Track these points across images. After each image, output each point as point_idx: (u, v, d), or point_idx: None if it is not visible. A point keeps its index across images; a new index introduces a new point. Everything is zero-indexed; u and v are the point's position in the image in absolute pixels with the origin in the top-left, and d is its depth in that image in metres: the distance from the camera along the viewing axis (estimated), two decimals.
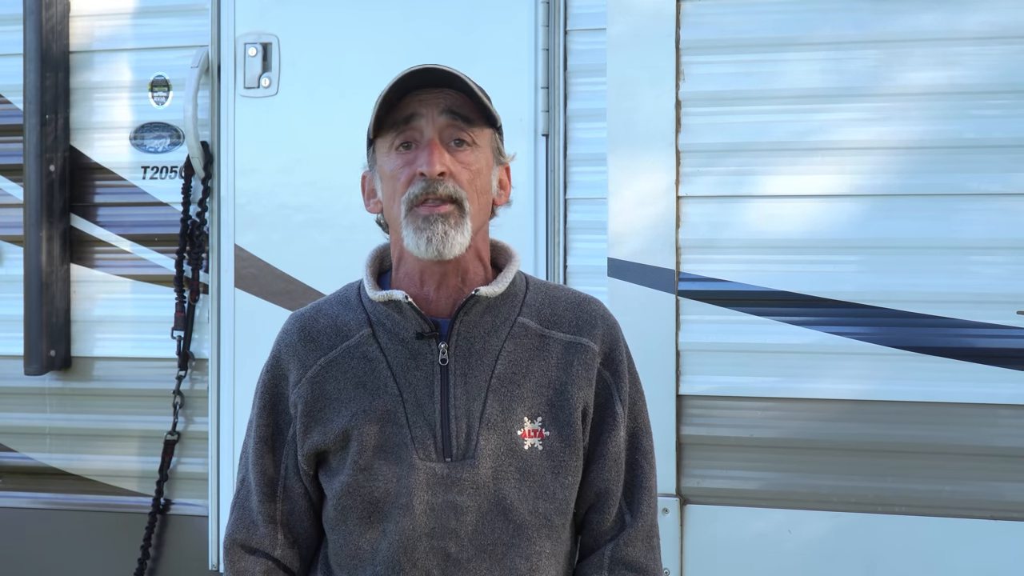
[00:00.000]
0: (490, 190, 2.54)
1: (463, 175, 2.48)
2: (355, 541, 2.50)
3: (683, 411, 4.12)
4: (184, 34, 4.73)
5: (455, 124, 2.49)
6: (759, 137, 4.09)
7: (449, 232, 2.45)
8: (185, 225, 4.68)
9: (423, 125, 2.48)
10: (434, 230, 2.45)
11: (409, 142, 2.49)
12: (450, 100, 2.49)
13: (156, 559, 4.75)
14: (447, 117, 2.48)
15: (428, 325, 2.50)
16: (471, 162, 2.50)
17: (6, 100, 4.89)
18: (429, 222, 2.45)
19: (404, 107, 2.49)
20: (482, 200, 2.52)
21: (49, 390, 4.85)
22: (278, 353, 2.58)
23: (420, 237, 2.45)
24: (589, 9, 4.31)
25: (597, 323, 2.57)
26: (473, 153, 2.50)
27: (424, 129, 2.48)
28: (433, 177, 2.45)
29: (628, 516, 2.56)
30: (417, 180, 2.46)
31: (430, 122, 2.48)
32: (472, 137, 2.50)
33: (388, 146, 2.51)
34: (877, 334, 3.98)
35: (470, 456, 2.47)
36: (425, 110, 2.48)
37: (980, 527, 3.91)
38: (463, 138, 2.50)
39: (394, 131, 2.50)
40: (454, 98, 2.49)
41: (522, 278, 2.60)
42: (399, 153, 2.50)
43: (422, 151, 2.47)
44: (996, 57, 3.91)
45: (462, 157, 2.49)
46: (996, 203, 3.92)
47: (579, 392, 2.52)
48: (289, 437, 2.55)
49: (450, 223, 2.46)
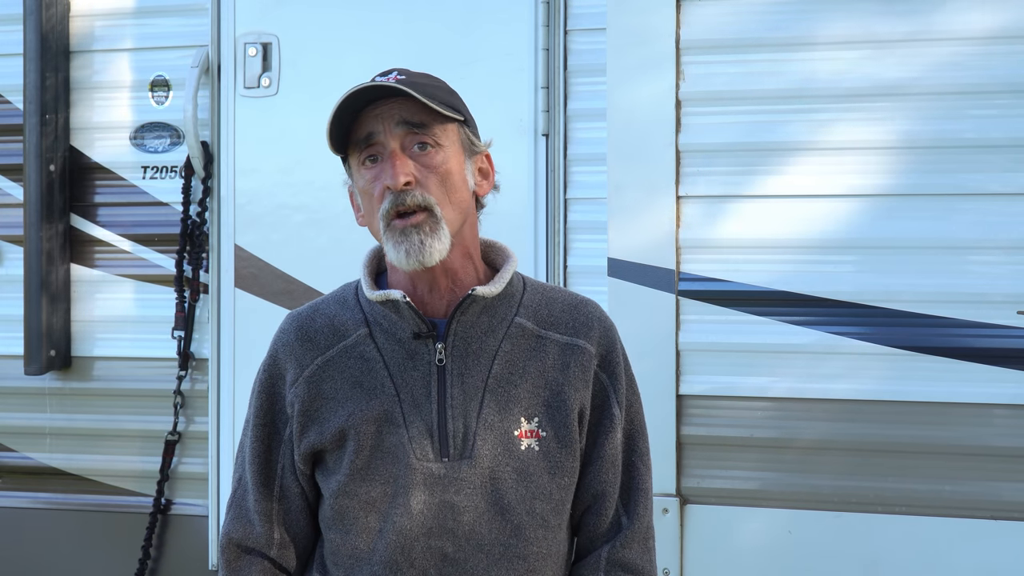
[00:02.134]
0: (466, 186, 2.54)
1: (431, 179, 2.49)
2: (352, 541, 2.50)
3: (683, 411, 4.12)
4: (184, 34, 4.73)
5: (412, 132, 2.50)
6: (759, 137, 4.09)
7: (425, 240, 2.47)
8: (185, 225, 4.68)
9: (382, 139, 2.50)
10: (411, 242, 2.46)
11: (375, 155, 2.51)
12: (403, 109, 2.50)
13: (157, 559, 4.75)
14: (403, 128, 2.49)
15: (426, 325, 2.50)
16: (437, 164, 2.50)
17: (6, 100, 4.89)
18: (405, 235, 2.47)
19: (362, 125, 2.50)
20: (456, 198, 2.52)
21: (49, 390, 4.85)
22: (275, 352, 2.58)
23: (399, 250, 2.47)
24: (589, 9, 4.31)
25: (594, 325, 2.57)
26: (439, 154, 2.51)
27: (384, 143, 2.50)
28: (399, 189, 2.47)
29: (624, 518, 2.56)
30: (386, 194, 2.48)
31: (387, 135, 2.49)
32: (434, 139, 2.51)
33: (357, 163, 2.53)
34: (877, 334, 3.98)
35: (467, 456, 2.48)
36: (381, 125, 2.49)
37: (980, 527, 3.91)
38: (425, 141, 2.50)
39: (358, 148, 2.52)
40: (407, 105, 2.50)
41: (519, 279, 2.60)
42: (367, 168, 2.52)
43: (385, 164, 2.49)
44: (996, 57, 3.91)
45: (427, 161, 2.50)
46: (996, 203, 3.92)
47: (575, 394, 2.53)
48: (286, 436, 2.55)
49: (425, 231, 2.47)
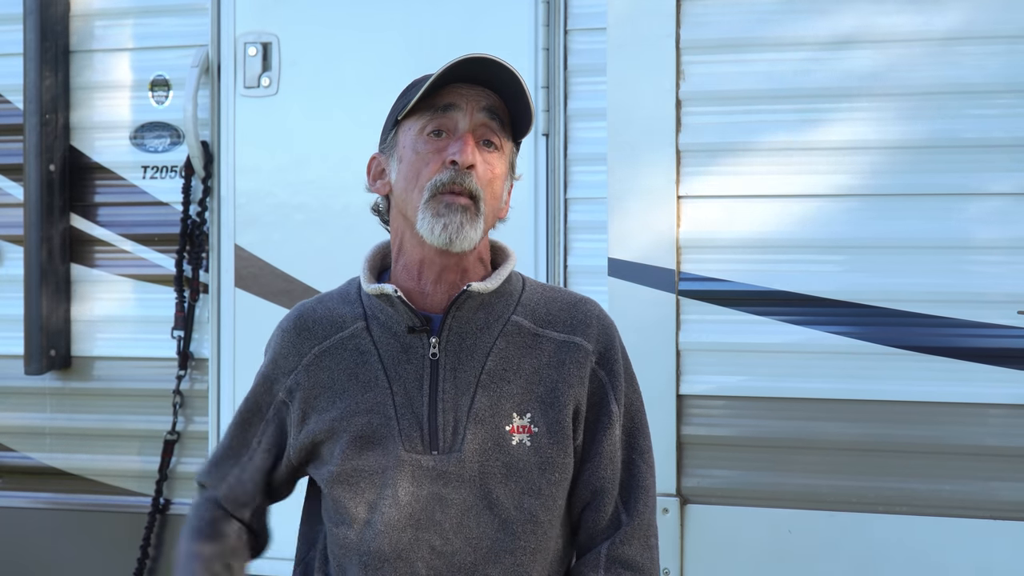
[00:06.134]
0: (501, 198, 2.56)
1: (486, 175, 2.50)
2: (343, 531, 2.52)
3: (683, 411, 4.12)
4: (184, 34, 4.73)
5: (489, 124, 2.51)
6: (759, 137, 4.09)
7: (464, 225, 2.47)
8: (185, 225, 4.68)
9: (459, 117, 2.49)
10: (452, 219, 2.47)
11: (441, 130, 2.50)
12: (491, 99, 2.51)
13: (155, 559, 4.75)
14: (485, 115, 2.50)
15: (419, 319, 2.52)
16: (495, 165, 2.52)
17: (6, 100, 4.89)
18: (450, 210, 2.47)
19: (444, 95, 2.50)
20: (495, 205, 2.54)
21: (49, 390, 4.85)
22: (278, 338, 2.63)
23: (437, 223, 2.47)
24: (589, 9, 4.31)
25: (592, 323, 2.58)
26: (498, 158, 2.53)
27: (460, 121, 2.49)
28: (464, 168, 2.47)
29: (624, 515, 2.56)
30: (446, 168, 2.48)
31: (468, 115, 2.50)
32: (500, 142, 2.53)
33: (419, 129, 2.51)
34: (877, 334, 3.98)
35: (456, 450, 2.49)
36: (465, 103, 2.50)
37: (979, 527, 3.91)
38: (493, 140, 2.52)
39: (428, 116, 2.50)
40: (494, 98, 2.51)
41: (519, 278, 2.62)
42: (429, 139, 2.50)
43: (455, 141, 2.49)
44: (996, 57, 3.91)
45: (488, 158, 2.51)
46: (996, 203, 3.92)
47: (570, 391, 2.53)
48: (270, 416, 2.61)
49: (467, 216, 2.48)
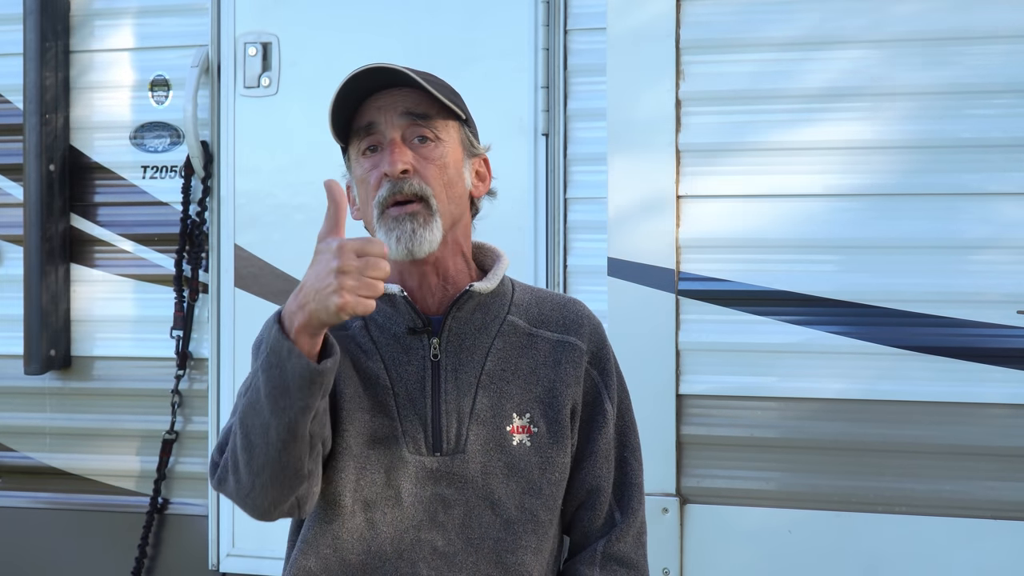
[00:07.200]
0: (462, 183, 2.55)
1: (429, 170, 2.49)
2: (345, 532, 2.51)
3: (683, 411, 4.12)
4: (184, 34, 4.73)
5: (414, 123, 2.50)
6: (759, 137, 4.09)
7: (417, 230, 2.47)
8: (185, 225, 4.68)
9: (383, 129, 2.50)
10: (403, 229, 2.47)
11: (375, 145, 2.51)
12: (407, 100, 2.50)
13: (154, 558, 4.75)
14: (404, 119, 2.50)
15: (421, 320, 2.52)
16: (436, 157, 2.51)
17: (6, 100, 4.89)
18: (399, 222, 2.47)
19: (363, 114, 2.51)
20: (453, 193, 2.52)
21: (49, 390, 4.85)
22: None
23: (390, 237, 2.47)
24: (589, 9, 4.31)
25: (583, 323, 2.59)
26: (438, 148, 2.51)
27: (385, 132, 2.50)
28: (396, 176, 2.47)
29: (618, 513, 2.58)
30: (384, 182, 2.49)
31: (389, 125, 2.50)
32: (435, 133, 2.51)
33: (357, 152, 2.53)
34: (877, 333, 3.98)
35: (459, 451, 2.49)
36: (383, 116, 2.50)
37: (980, 527, 3.91)
38: (425, 135, 2.51)
39: (360, 136, 2.52)
40: (411, 96, 2.50)
41: (508, 279, 2.62)
42: (366, 157, 2.52)
43: (384, 152, 2.50)
44: (996, 57, 3.91)
45: (426, 153, 2.50)
46: (996, 203, 3.92)
47: (567, 390, 2.54)
48: None
49: (418, 221, 2.47)
